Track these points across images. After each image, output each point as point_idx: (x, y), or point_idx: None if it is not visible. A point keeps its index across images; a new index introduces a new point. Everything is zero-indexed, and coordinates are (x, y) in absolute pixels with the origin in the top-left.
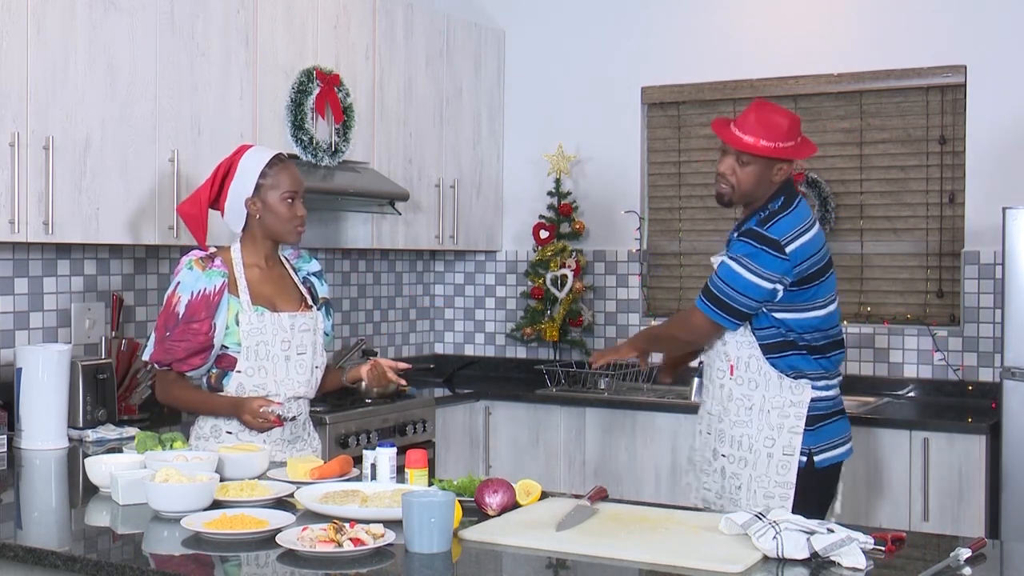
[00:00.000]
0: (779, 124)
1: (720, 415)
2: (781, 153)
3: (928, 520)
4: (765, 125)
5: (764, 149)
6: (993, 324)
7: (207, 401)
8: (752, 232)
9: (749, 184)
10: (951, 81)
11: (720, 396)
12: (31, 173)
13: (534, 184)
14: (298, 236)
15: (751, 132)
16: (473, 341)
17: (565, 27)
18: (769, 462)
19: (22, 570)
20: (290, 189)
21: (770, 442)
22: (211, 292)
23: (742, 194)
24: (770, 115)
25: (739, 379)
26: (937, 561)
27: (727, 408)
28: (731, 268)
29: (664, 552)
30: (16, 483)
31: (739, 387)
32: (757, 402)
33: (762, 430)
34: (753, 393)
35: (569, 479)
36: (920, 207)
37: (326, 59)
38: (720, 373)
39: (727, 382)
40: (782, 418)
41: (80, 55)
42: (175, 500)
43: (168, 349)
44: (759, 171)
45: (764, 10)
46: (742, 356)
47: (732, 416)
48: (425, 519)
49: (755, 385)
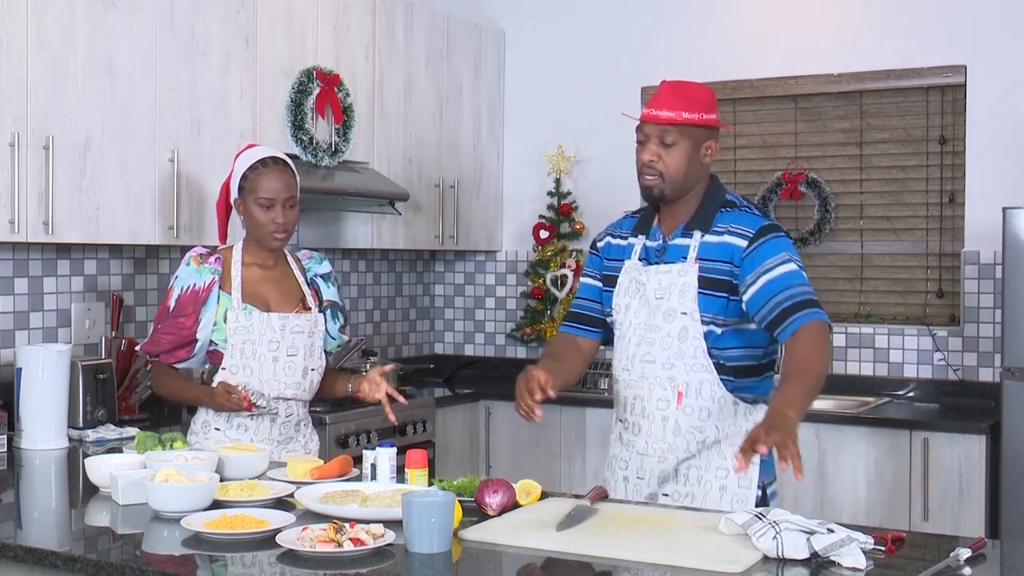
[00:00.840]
0: (696, 95)
1: (662, 455)
2: (708, 123)
3: (928, 520)
4: (683, 97)
5: (689, 120)
6: (993, 324)
7: (188, 390)
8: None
9: (679, 168)
10: (951, 81)
11: (663, 432)
12: (31, 173)
13: (534, 184)
14: (276, 242)
15: (669, 107)
16: (473, 341)
17: (565, 27)
18: (722, 496)
19: (22, 570)
20: (265, 195)
21: (723, 473)
22: (200, 288)
23: (673, 182)
24: (685, 87)
25: (688, 408)
26: (937, 561)
27: (674, 445)
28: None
29: (664, 552)
30: (16, 483)
31: (687, 418)
32: (710, 434)
33: (712, 460)
34: (705, 424)
35: (569, 479)
36: (920, 207)
37: (326, 59)
38: (663, 404)
39: (672, 413)
40: (734, 447)
41: (80, 55)
42: (175, 500)
43: (156, 341)
44: (687, 152)
45: (764, 10)
46: (692, 381)
47: (679, 452)
48: (425, 519)
49: (707, 414)
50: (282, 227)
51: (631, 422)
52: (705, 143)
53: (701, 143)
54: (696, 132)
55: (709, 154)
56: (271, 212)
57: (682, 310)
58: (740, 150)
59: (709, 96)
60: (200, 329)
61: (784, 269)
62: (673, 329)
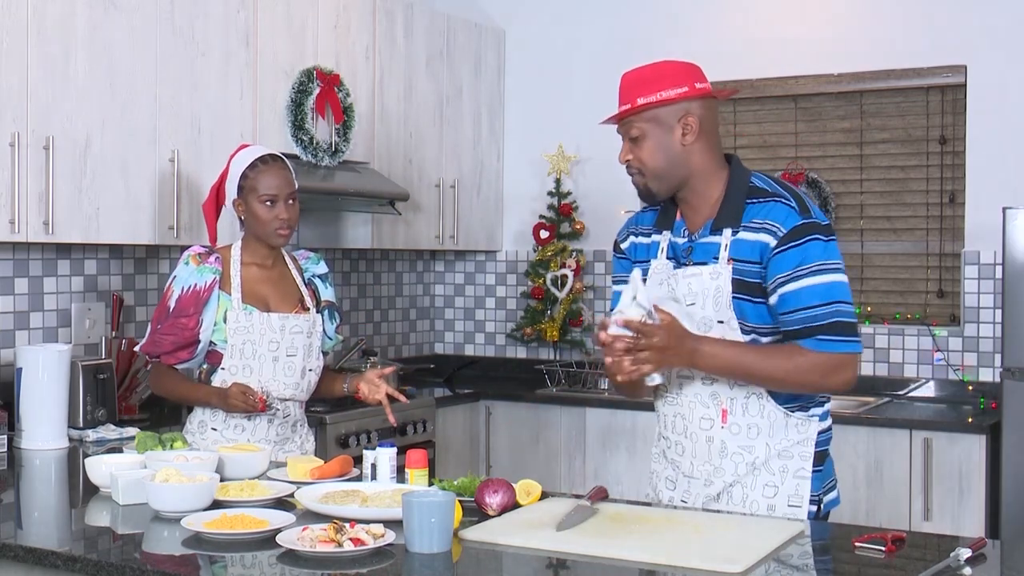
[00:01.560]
0: (654, 74)
1: (708, 478)
2: (667, 101)
3: (929, 520)
4: (637, 83)
5: (646, 105)
6: (993, 324)
7: (194, 390)
8: (809, 226)
9: (654, 159)
10: (951, 81)
11: (708, 453)
12: (31, 173)
13: (534, 184)
14: (281, 238)
15: (623, 98)
16: (473, 341)
17: (565, 27)
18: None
19: (22, 570)
20: (268, 192)
21: (771, 491)
22: (201, 288)
23: (655, 176)
24: (641, 72)
25: (734, 427)
26: (937, 561)
27: (720, 467)
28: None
29: (664, 552)
30: (16, 483)
31: (734, 437)
32: (760, 453)
33: (759, 477)
34: (754, 442)
35: (569, 479)
36: (920, 207)
37: (326, 59)
38: (706, 423)
39: (718, 433)
40: (784, 459)
41: (80, 55)
42: (175, 500)
43: (156, 342)
44: (658, 139)
45: (764, 10)
46: (737, 397)
47: (727, 477)
48: (425, 519)
49: (756, 432)
50: (286, 223)
51: (674, 441)
52: (679, 121)
53: (672, 123)
54: (661, 113)
55: (690, 131)
56: (274, 208)
57: (718, 318)
58: (740, 150)
59: (675, 70)
60: (203, 331)
61: (810, 282)
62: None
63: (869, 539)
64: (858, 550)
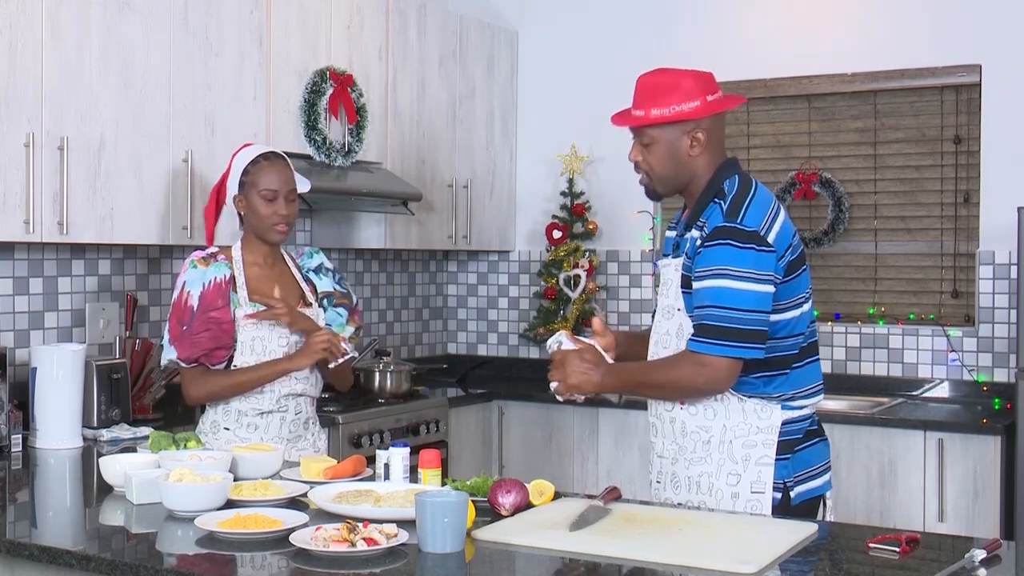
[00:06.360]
0: (668, 86)
1: (674, 456)
2: (680, 116)
3: (943, 521)
4: (654, 93)
5: (657, 119)
6: (1008, 324)
7: (254, 371)
8: (725, 230)
9: (662, 166)
10: (966, 80)
11: (672, 432)
12: (46, 173)
13: (547, 184)
14: (279, 235)
15: (640, 105)
16: (486, 341)
17: (578, 27)
18: (734, 504)
19: (37, 569)
20: (268, 187)
21: (734, 479)
22: (222, 280)
23: (660, 180)
24: (656, 80)
25: (691, 409)
26: (952, 562)
27: (682, 446)
28: (726, 287)
29: (677, 552)
30: (31, 482)
31: (692, 418)
32: (716, 433)
33: (723, 465)
34: (711, 423)
35: (582, 479)
36: (935, 207)
37: (339, 59)
38: (668, 404)
39: (678, 414)
40: (747, 448)
41: (94, 55)
42: (189, 499)
43: (194, 343)
44: (667, 148)
45: (777, 10)
46: None
47: (688, 455)
48: (438, 519)
49: (712, 413)
50: (284, 219)
51: (651, 423)
52: (688, 135)
53: (681, 137)
54: (672, 128)
55: (697, 145)
56: (274, 204)
57: (677, 306)
58: (754, 150)
59: (690, 84)
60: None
61: (706, 284)
62: (672, 326)
63: (883, 540)
64: (872, 551)
